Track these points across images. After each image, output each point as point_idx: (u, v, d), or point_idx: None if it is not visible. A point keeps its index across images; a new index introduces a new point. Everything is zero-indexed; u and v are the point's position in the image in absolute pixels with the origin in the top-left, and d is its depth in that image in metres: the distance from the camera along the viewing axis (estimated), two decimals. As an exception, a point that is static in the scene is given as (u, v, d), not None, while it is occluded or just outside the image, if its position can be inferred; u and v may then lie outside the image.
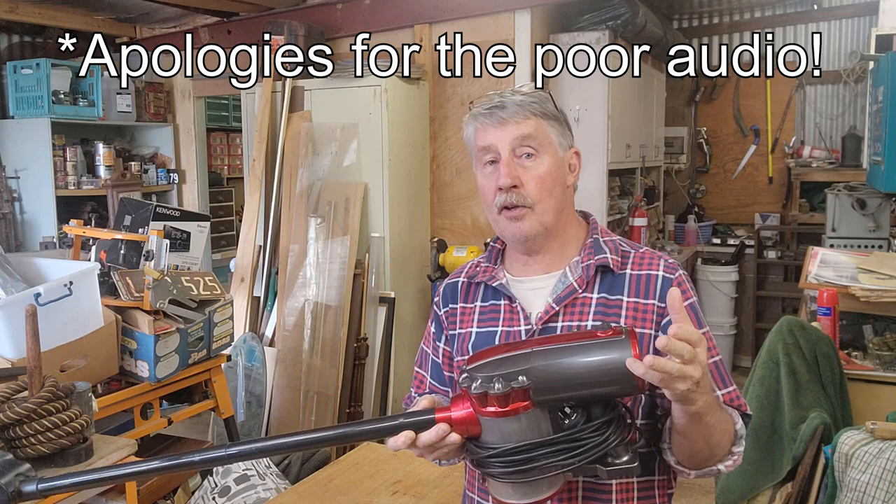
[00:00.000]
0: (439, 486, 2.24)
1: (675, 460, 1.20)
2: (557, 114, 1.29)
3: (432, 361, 1.41)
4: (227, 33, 4.60)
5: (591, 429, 1.03)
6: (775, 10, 5.89)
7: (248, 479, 2.58)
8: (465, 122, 1.31)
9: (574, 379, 1.02)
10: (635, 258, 1.28)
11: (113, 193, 4.35)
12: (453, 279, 1.42)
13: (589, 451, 1.02)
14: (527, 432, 1.04)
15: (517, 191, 1.24)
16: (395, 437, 1.07)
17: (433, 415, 1.08)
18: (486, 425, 1.06)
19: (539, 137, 1.25)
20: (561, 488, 1.09)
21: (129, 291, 2.60)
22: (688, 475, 1.21)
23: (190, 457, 1.13)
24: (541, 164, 1.25)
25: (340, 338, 3.65)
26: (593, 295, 1.25)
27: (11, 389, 1.88)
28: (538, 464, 1.03)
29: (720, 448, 1.16)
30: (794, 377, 2.23)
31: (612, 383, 1.02)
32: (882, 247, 3.69)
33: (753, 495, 2.20)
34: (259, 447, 1.15)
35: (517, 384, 1.01)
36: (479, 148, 1.28)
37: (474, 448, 1.08)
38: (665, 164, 5.81)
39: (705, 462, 1.18)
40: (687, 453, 1.17)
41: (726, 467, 1.19)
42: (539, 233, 1.26)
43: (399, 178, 3.82)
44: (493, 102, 1.26)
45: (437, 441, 1.06)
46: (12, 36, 4.57)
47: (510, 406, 1.02)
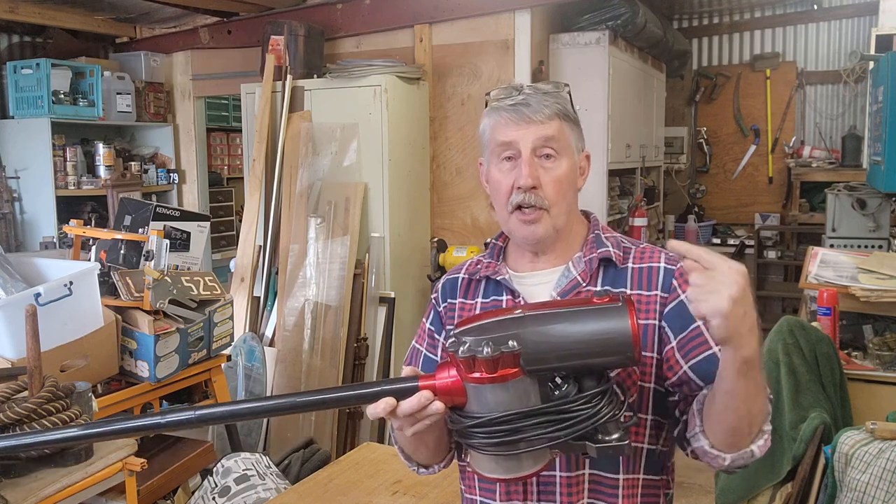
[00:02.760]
0: (439, 486, 2.24)
1: (709, 443, 1.13)
2: (575, 116, 1.28)
3: (425, 357, 1.39)
4: (227, 33, 4.60)
5: (582, 401, 0.98)
6: (775, 10, 5.89)
7: (248, 479, 2.58)
8: (486, 113, 1.29)
9: (567, 346, 0.98)
10: (636, 253, 1.29)
11: (113, 193, 4.35)
12: (453, 275, 1.40)
13: (578, 423, 0.97)
14: (514, 402, 0.98)
15: (535, 192, 1.23)
16: (375, 404, 1.03)
17: (416, 382, 1.03)
18: (472, 393, 1.00)
19: (560, 140, 1.24)
20: (545, 467, 1.05)
21: (129, 291, 2.60)
22: (723, 461, 1.13)
23: (156, 419, 1.09)
24: (559, 167, 1.24)
25: (340, 338, 3.65)
26: (597, 288, 1.25)
27: (11, 389, 1.88)
28: (524, 435, 0.98)
29: (757, 420, 1.10)
30: (794, 377, 2.23)
31: (608, 353, 0.98)
32: (882, 247, 3.68)
33: (753, 495, 2.20)
34: (227, 410, 1.12)
35: (507, 349, 0.96)
36: (498, 142, 1.26)
37: (457, 417, 1.03)
38: (665, 164, 5.81)
39: (743, 439, 1.11)
40: (729, 425, 1.09)
41: (759, 448, 1.12)
42: (550, 235, 1.26)
43: (399, 178, 3.82)
44: (516, 98, 1.24)
45: (419, 409, 1.02)
46: (12, 36, 4.57)
47: (498, 372, 0.97)
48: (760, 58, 5.94)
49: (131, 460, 1.97)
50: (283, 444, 3.44)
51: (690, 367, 1.18)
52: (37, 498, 1.73)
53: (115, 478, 1.95)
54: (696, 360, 1.17)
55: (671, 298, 1.22)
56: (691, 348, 1.18)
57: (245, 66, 4.48)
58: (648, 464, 1.24)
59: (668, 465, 1.29)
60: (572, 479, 1.21)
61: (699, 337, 1.18)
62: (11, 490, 1.74)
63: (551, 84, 1.29)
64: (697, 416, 1.15)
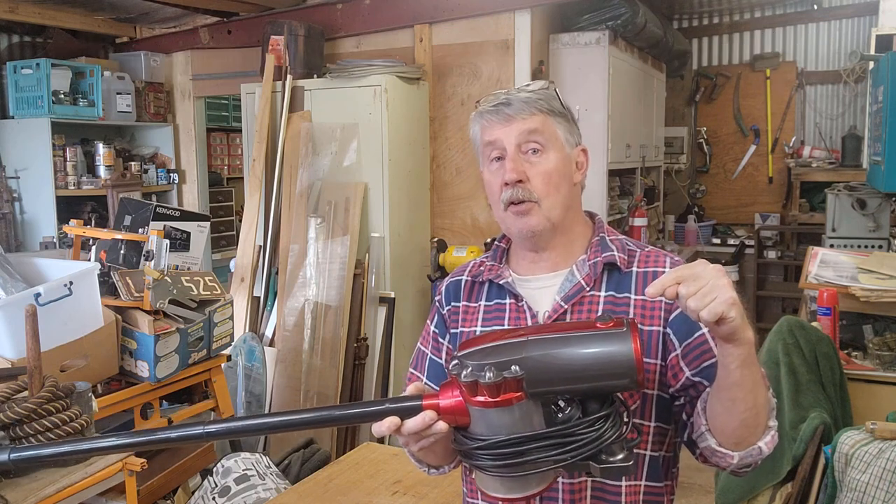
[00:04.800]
0: (439, 486, 2.24)
1: (716, 442, 1.13)
2: (564, 111, 1.28)
3: (430, 361, 1.38)
4: (227, 33, 4.60)
5: (586, 424, 0.98)
6: (775, 10, 5.89)
7: (248, 479, 2.58)
8: (472, 119, 1.30)
9: (570, 371, 0.98)
10: (641, 256, 1.28)
11: (113, 193, 4.35)
12: (456, 277, 1.40)
13: (582, 447, 0.97)
14: (518, 425, 0.98)
15: (523, 185, 1.23)
16: (380, 423, 1.03)
17: (420, 401, 1.03)
18: (476, 415, 1.00)
19: (545, 133, 1.24)
20: (550, 485, 1.05)
21: (129, 291, 2.60)
22: (731, 459, 1.13)
23: (166, 433, 1.10)
24: (547, 160, 1.24)
25: (340, 338, 3.65)
26: (601, 293, 1.24)
27: (11, 389, 1.88)
28: (529, 458, 0.98)
29: (763, 414, 1.10)
30: (794, 377, 2.23)
31: (611, 377, 0.98)
32: (882, 247, 3.68)
33: (753, 495, 2.20)
34: (238, 426, 1.12)
35: (510, 374, 0.96)
36: (484, 144, 1.27)
37: (462, 438, 1.03)
38: (665, 164, 5.81)
39: (750, 435, 1.11)
40: (739, 419, 1.09)
41: (766, 445, 1.12)
42: (546, 228, 1.25)
43: (399, 178, 3.82)
44: (498, 100, 1.25)
45: (423, 429, 1.02)
46: (12, 36, 4.57)
47: (501, 396, 0.97)
48: (760, 58, 5.94)
49: (131, 460, 1.97)
50: (283, 444, 3.44)
51: (696, 373, 1.17)
52: (37, 498, 1.73)
53: (115, 478, 1.95)
54: (702, 367, 1.17)
55: (676, 305, 1.21)
56: (697, 355, 1.18)
57: (245, 66, 4.48)
58: (651, 471, 1.23)
59: (671, 472, 1.28)
60: (574, 486, 1.21)
61: (704, 345, 1.18)
62: (11, 490, 1.74)
63: (535, 83, 1.30)
64: (702, 415, 1.15)
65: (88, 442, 1.14)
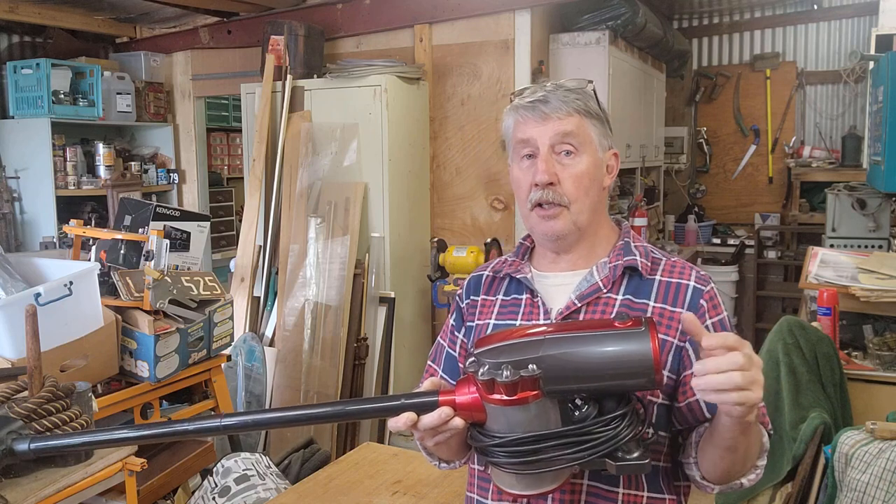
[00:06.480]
0: (439, 486, 2.24)
1: (699, 475, 1.15)
2: (600, 112, 1.26)
3: (447, 354, 1.38)
4: (227, 33, 4.60)
5: (603, 423, 0.98)
6: (775, 10, 5.89)
7: (248, 479, 2.58)
8: (506, 113, 1.28)
9: (587, 370, 0.97)
10: (666, 265, 1.26)
11: (113, 193, 4.35)
12: (479, 272, 1.40)
13: (599, 446, 0.97)
14: (534, 423, 0.98)
15: (553, 188, 1.21)
16: (396, 418, 1.03)
17: (437, 397, 1.03)
18: (492, 412, 1.00)
19: (580, 135, 1.22)
20: (565, 482, 1.05)
21: (129, 291, 2.60)
22: (711, 490, 1.16)
23: (183, 425, 1.10)
24: (580, 163, 1.23)
25: (340, 338, 3.65)
26: (618, 296, 1.23)
27: (11, 389, 1.88)
28: (545, 456, 0.98)
29: (752, 460, 1.12)
30: (794, 377, 2.23)
31: (629, 377, 0.97)
32: (882, 247, 3.69)
33: (753, 495, 2.20)
34: (254, 419, 1.13)
35: (527, 373, 0.95)
36: (517, 140, 1.25)
37: (478, 435, 1.03)
38: (665, 164, 5.81)
39: (735, 475, 1.13)
40: (725, 470, 1.11)
41: (749, 481, 1.14)
42: (571, 232, 1.24)
43: (399, 178, 3.82)
44: (535, 96, 1.23)
45: (440, 425, 1.02)
46: (12, 36, 4.57)
47: (518, 395, 0.96)
48: (760, 58, 5.94)
49: (131, 460, 1.97)
50: (283, 444, 3.44)
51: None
52: (37, 498, 1.73)
53: (115, 478, 1.95)
54: None
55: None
56: None
57: (245, 66, 4.49)
58: (651, 481, 1.21)
59: (675, 486, 1.25)
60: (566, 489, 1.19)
61: None
62: (11, 490, 1.74)
63: (575, 81, 1.27)
64: (694, 447, 1.16)
65: (106, 433, 1.15)
